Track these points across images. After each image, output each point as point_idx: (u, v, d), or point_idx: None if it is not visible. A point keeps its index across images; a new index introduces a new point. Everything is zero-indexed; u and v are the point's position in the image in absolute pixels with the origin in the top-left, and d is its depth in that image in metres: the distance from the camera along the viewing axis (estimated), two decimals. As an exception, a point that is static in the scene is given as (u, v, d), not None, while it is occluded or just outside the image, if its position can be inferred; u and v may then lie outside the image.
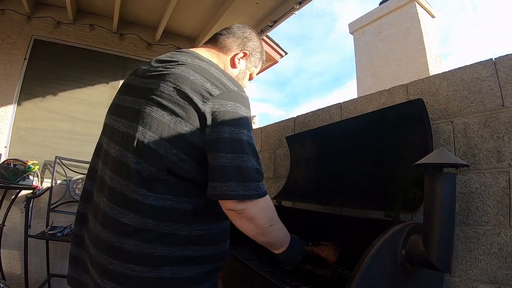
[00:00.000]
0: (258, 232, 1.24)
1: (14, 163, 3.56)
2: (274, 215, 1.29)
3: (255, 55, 1.65)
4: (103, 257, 1.16)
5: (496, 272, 1.61)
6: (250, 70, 1.67)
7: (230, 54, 1.55)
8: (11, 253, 3.74)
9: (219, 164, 1.12)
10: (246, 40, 1.60)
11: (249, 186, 1.13)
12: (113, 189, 1.19)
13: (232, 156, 1.13)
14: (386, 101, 2.39)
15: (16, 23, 4.15)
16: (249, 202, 1.14)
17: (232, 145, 1.14)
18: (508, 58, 1.70)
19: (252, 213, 1.17)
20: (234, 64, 1.56)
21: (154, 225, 1.13)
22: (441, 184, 1.39)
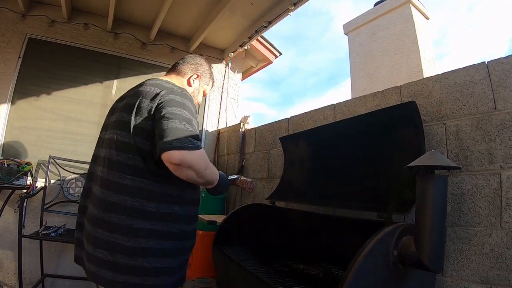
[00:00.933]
0: (198, 176, 1.54)
1: (7, 162, 3.54)
2: (207, 161, 1.61)
3: (206, 76, 2.08)
4: (96, 230, 1.54)
5: (488, 272, 1.63)
6: (202, 87, 2.08)
7: (186, 77, 1.99)
8: (4, 253, 3.72)
9: (159, 130, 1.49)
10: (197, 65, 2.04)
11: (182, 140, 1.46)
12: (103, 178, 1.61)
13: (167, 122, 1.49)
14: (379, 102, 2.40)
15: (11, 21, 4.12)
16: (185, 153, 1.44)
17: (169, 117, 1.51)
18: (501, 62, 1.72)
19: (190, 161, 1.47)
20: (189, 83, 1.99)
21: (130, 201, 1.52)
22: (433, 186, 1.40)
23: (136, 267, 1.49)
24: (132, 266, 1.49)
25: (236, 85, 5.53)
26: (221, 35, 4.90)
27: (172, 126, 1.48)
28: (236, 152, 4.36)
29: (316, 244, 2.38)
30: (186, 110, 1.59)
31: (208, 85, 2.12)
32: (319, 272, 2.03)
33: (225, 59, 5.37)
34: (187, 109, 1.60)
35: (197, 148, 1.50)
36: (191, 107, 1.64)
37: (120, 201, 1.53)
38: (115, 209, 1.53)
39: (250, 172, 3.95)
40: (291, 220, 2.73)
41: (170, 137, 1.45)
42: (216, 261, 2.49)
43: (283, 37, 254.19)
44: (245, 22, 4.45)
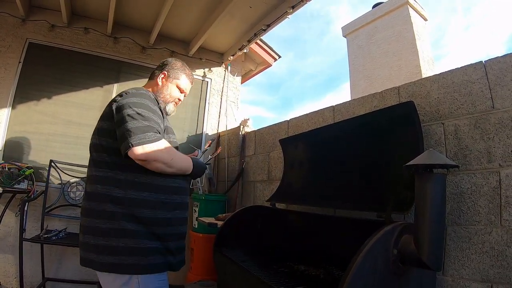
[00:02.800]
0: (166, 166, 1.75)
1: (8, 166, 3.55)
2: (172, 151, 1.81)
3: (173, 71, 2.17)
4: (84, 219, 1.77)
5: (488, 270, 1.64)
6: (173, 82, 2.17)
7: (155, 79, 2.14)
8: (5, 257, 3.73)
9: (119, 132, 1.69)
10: (164, 66, 2.18)
11: (141, 137, 1.64)
12: (87, 176, 1.88)
13: (125, 124, 1.67)
14: (378, 103, 2.41)
15: (11, 26, 4.14)
16: (146, 147, 1.64)
17: (125, 119, 1.68)
18: (498, 61, 1.73)
19: (153, 155, 1.67)
20: (157, 83, 2.13)
21: (100, 188, 1.73)
22: (431, 185, 1.41)
23: (113, 247, 1.66)
24: (110, 247, 1.66)
25: (236, 88, 5.55)
26: (220, 38, 4.91)
27: (130, 126, 1.66)
28: (236, 155, 4.37)
29: (317, 245, 2.38)
30: (141, 107, 1.75)
31: (180, 79, 2.19)
32: (319, 273, 2.04)
33: (224, 63, 5.39)
34: (142, 106, 1.76)
35: (157, 140, 1.69)
36: (147, 103, 1.80)
37: (94, 189, 1.76)
38: (92, 197, 1.76)
39: (251, 175, 3.95)
40: (292, 222, 2.73)
41: (129, 137, 1.63)
42: (217, 264, 2.49)
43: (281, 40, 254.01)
44: (244, 26, 4.46)
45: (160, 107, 1.93)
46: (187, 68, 2.26)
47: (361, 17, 8.10)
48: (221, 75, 5.40)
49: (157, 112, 1.84)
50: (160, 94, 2.10)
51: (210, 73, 5.29)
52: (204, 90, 5.25)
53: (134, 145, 1.61)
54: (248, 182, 3.99)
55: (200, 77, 5.24)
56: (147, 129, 1.68)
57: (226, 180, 4.53)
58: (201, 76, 5.24)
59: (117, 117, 1.74)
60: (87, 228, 1.74)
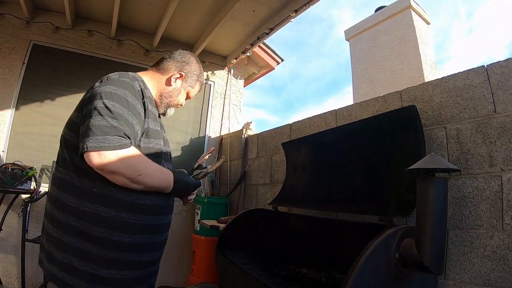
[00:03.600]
0: (130, 182, 1.42)
1: (12, 167, 3.56)
2: (140, 164, 1.46)
3: (191, 77, 1.90)
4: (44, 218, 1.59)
5: (490, 274, 1.64)
6: (186, 89, 1.90)
7: (167, 75, 1.82)
8: (7, 258, 3.74)
9: (82, 128, 1.40)
10: (184, 64, 1.86)
11: (98, 138, 1.33)
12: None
13: (90, 118, 1.38)
14: (380, 107, 2.42)
15: (15, 27, 4.16)
16: (104, 154, 1.33)
17: (92, 112, 1.39)
18: (500, 65, 1.74)
19: (113, 167, 1.36)
20: (169, 82, 1.82)
21: (56, 192, 1.50)
22: (433, 189, 1.41)
23: (58, 260, 1.44)
24: (56, 258, 1.45)
25: (239, 92, 5.56)
26: (224, 42, 4.93)
27: (93, 123, 1.36)
28: (239, 158, 4.38)
29: (319, 248, 2.38)
30: (114, 100, 1.44)
31: (194, 87, 1.94)
32: (321, 276, 2.04)
33: (227, 66, 5.40)
34: (116, 98, 1.45)
35: (121, 147, 1.37)
36: (125, 95, 1.48)
37: (51, 191, 1.56)
38: (50, 199, 1.55)
39: (253, 178, 3.96)
40: (294, 225, 2.73)
41: (87, 137, 1.34)
42: (219, 266, 2.50)
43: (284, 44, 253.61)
44: (247, 29, 4.48)
45: (145, 103, 1.59)
46: (202, 73, 1.99)
47: (363, 20, 8.09)
48: (224, 78, 5.42)
49: (134, 109, 1.49)
50: (167, 96, 1.81)
51: (213, 76, 5.30)
52: (207, 93, 5.27)
53: (89, 148, 1.31)
54: (251, 185, 4.00)
55: (203, 80, 5.24)
56: (110, 131, 1.36)
57: (229, 183, 4.53)
58: (204, 79, 5.25)
59: (85, 108, 1.46)
60: (43, 228, 1.61)
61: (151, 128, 1.61)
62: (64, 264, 1.42)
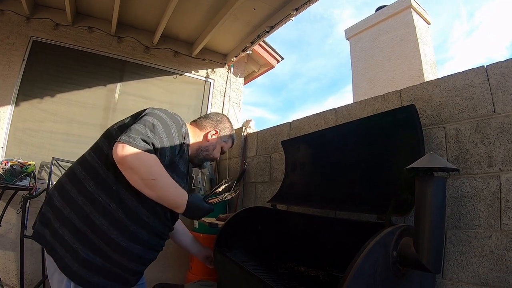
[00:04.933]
0: (143, 183, 1.51)
1: (11, 163, 3.56)
2: (157, 171, 1.54)
3: (225, 133, 2.13)
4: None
5: (487, 274, 1.64)
6: (220, 144, 2.12)
7: (204, 131, 2.06)
8: (6, 254, 3.75)
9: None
10: (218, 122, 2.12)
11: (131, 136, 1.48)
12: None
13: (133, 124, 1.56)
14: (380, 106, 2.42)
15: (15, 24, 4.17)
16: (128, 147, 1.44)
17: (137, 121, 1.59)
18: (499, 65, 1.74)
19: (131, 162, 1.45)
20: (206, 138, 2.04)
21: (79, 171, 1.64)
22: (431, 188, 1.42)
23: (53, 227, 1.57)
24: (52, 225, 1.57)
25: (238, 90, 5.56)
26: (224, 39, 4.93)
27: (134, 126, 1.54)
28: (238, 156, 4.37)
29: (317, 246, 2.38)
30: (162, 124, 1.63)
31: (227, 143, 2.17)
32: (319, 274, 2.04)
33: (227, 64, 5.41)
34: (164, 125, 1.64)
35: (144, 149, 1.48)
36: (171, 128, 1.66)
37: (74, 167, 1.70)
38: (67, 173, 1.72)
39: (252, 176, 3.96)
40: (292, 223, 2.74)
41: (125, 133, 1.50)
42: (218, 264, 2.50)
43: (285, 42, 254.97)
44: (247, 27, 4.48)
45: (183, 145, 1.75)
46: (233, 131, 2.23)
47: (364, 20, 8.10)
48: (224, 76, 5.42)
49: (172, 140, 1.66)
50: (204, 149, 2.04)
51: (213, 74, 5.31)
52: (207, 91, 5.27)
53: (120, 140, 1.46)
54: (250, 183, 4.00)
55: (203, 78, 5.26)
56: (143, 136, 1.51)
57: (228, 180, 4.53)
58: (204, 76, 5.26)
59: (137, 119, 1.64)
60: (48, 194, 1.74)
61: (179, 167, 1.77)
62: (57, 233, 1.53)
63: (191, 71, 5.16)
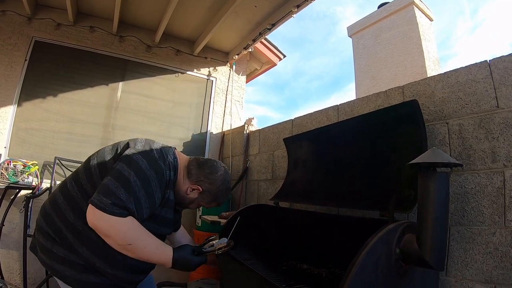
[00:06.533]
0: (119, 248, 1.47)
1: (14, 163, 3.58)
2: (132, 236, 1.48)
3: (209, 194, 1.85)
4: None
5: (492, 271, 1.63)
6: (200, 201, 1.88)
7: (187, 182, 1.82)
8: (10, 253, 3.75)
9: (102, 181, 1.50)
10: (206, 179, 1.82)
11: (103, 200, 1.41)
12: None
13: (107, 177, 1.50)
14: (382, 102, 2.40)
15: (17, 24, 4.16)
16: (99, 214, 1.40)
17: (114, 172, 1.52)
18: (502, 60, 1.72)
19: (104, 229, 1.43)
20: (186, 191, 1.81)
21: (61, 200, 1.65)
22: (434, 183, 1.40)
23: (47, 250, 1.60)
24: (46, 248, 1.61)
25: (241, 88, 5.55)
26: (226, 37, 4.92)
27: (108, 184, 1.47)
28: (241, 154, 4.37)
29: (320, 243, 2.38)
30: (140, 178, 1.53)
31: (208, 204, 1.92)
32: (322, 271, 2.04)
33: (229, 62, 5.39)
34: (143, 178, 1.54)
35: (116, 215, 1.42)
36: (151, 181, 1.56)
37: (56, 195, 1.72)
38: (50, 200, 1.76)
39: (255, 174, 3.96)
40: (295, 220, 2.73)
41: (99, 193, 1.45)
42: (220, 262, 2.49)
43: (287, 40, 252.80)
44: (248, 25, 4.47)
45: (167, 194, 1.68)
46: (223, 195, 1.93)
47: (366, 17, 8.06)
48: (226, 74, 5.41)
49: (152, 195, 1.56)
50: (183, 200, 1.84)
51: (215, 72, 5.30)
52: (209, 89, 5.26)
53: (92, 202, 1.43)
54: (252, 181, 4.00)
55: (205, 76, 5.24)
56: (115, 199, 1.43)
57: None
58: (206, 75, 5.25)
59: (116, 164, 1.57)
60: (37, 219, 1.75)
61: (161, 216, 1.70)
62: (52, 253, 1.57)
63: (193, 70, 5.15)
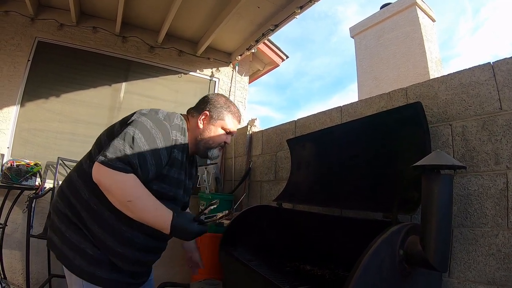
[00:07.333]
0: (120, 205, 1.46)
1: (17, 163, 3.58)
2: (133, 193, 1.46)
3: (216, 110, 1.85)
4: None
5: (494, 273, 1.63)
6: (216, 123, 1.85)
7: (195, 121, 1.85)
8: (12, 253, 3.76)
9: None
10: (205, 104, 1.87)
11: (107, 156, 1.42)
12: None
13: (115, 139, 1.50)
14: (385, 104, 2.41)
15: (20, 24, 4.18)
16: (103, 169, 1.41)
17: (119, 134, 1.53)
18: (506, 62, 1.72)
19: (106, 184, 1.43)
20: (198, 126, 1.83)
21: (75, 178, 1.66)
22: (438, 185, 1.41)
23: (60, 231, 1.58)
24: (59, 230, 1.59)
25: (243, 88, 5.55)
26: (228, 38, 4.93)
27: (114, 143, 1.48)
28: (243, 154, 4.37)
29: (323, 244, 2.38)
30: (145, 135, 1.54)
31: (224, 119, 1.87)
32: (325, 273, 2.04)
33: (232, 62, 5.40)
34: (148, 135, 1.55)
35: (119, 170, 1.42)
36: (156, 138, 1.57)
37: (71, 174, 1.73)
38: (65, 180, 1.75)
39: (258, 174, 3.96)
40: (298, 221, 2.73)
41: (104, 151, 1.45)
42: (223, 262, 2.50)
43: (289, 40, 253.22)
44: (252, 26, 4.47)
45: (173, 153, 1.66)
46: (232, 104, 1.93)
47: (369, 17, 8.06)
48: (228, 75, 5.41)
49: (157, 151, 1.57)
50: (202, 140, 1.83)
51: (218, 72, 5.30)
52: (212, 90, 5.27)
53: (97, 160, 1.43)
54: (255, 181, 4.00)
55: (208, 77, 5.25)
56: (120, 154, 1.45)
57: (233, 179, 4.53)
58: (208, 75, 5.25)
59: (122, 128, 1.59)
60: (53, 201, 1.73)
61: (170, 176, 1.68)
62: (65, 237, 1.55)
63: (196, 70, 5.15)
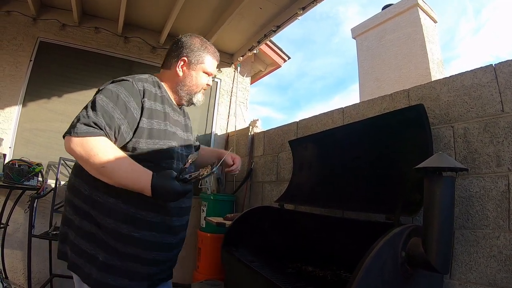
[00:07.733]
0: (96, 173, 1.40)
1: (19, 163, 3.58)
2: (105, 157, 1.38)
3: (194, 53, 1.79)
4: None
5: (496, 275, 1.63)
6: (197, 68, 1.80)
7: (173, 68, 1.78)
8: (14, 253, 3.76)
9: None
10: (180, 50, 1.79)
11: (72, 125, 1.39)
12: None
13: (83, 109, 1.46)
14: (387, 106, 2.41)
15: (22, 25, 4.19)
16: (72, 141, 1.35)
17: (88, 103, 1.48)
18: (508, 64, 1.73)
19: (77, 152, 1.36)
20: (177, 74, 1.77)
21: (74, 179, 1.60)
22: (440, 187, 1.41)
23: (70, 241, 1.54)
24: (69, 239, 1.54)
25: (245, 89, 5.56)
26: (230, 39, 4.93)
27: (78, 114, 1.44)
28: (245, 155, 4.38)
29: (325, 246, 2.38)
30: (107, 95, 1.49)
31: (204, 62, 1.80)
32: (327, 274, 2.04)
33: (234, 63, 5.40)
34: (110, 95, 1.49)
35: (86, 135, 1.36)
36: (119, 93, 1.51)
37: (70, 177, 1.64)
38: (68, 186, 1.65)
39: (259, 175, 3.96)
40: (300, 222, 2.73)
41: (70, 124, 1.42)
42: (225, 263, 2.50)
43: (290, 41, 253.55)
44: (254, 27, 4.47)
45: (144, 102, 1.57)
46: (209, 44, 1.86)
47: (370, 18, 8.06)
48: (230, 76, 5.42)
49: (123, 104, 1.50)
50: (183, 87, 1.78)
51: (219, 73, 5.31)
52: (214, 90, 5.27)
53: (65, 133, 1.39)
54: (257, 182, 4.00)
55: (210, 78, 5.25)
56: (84, 120, 1.39)
57: (235, 180, 4.53)
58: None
59: None
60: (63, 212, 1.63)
61: (155, 129, 1.60)
62: (75, 246, 1.50)
63: (197, 71, 5.14)
